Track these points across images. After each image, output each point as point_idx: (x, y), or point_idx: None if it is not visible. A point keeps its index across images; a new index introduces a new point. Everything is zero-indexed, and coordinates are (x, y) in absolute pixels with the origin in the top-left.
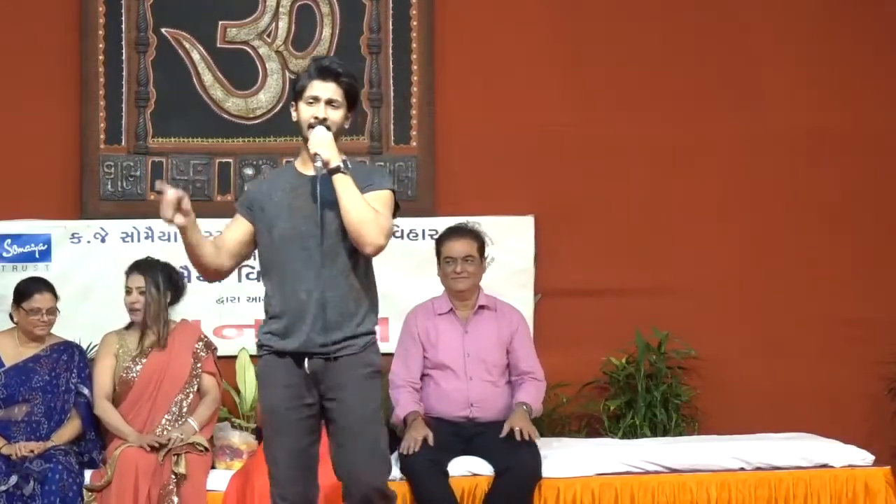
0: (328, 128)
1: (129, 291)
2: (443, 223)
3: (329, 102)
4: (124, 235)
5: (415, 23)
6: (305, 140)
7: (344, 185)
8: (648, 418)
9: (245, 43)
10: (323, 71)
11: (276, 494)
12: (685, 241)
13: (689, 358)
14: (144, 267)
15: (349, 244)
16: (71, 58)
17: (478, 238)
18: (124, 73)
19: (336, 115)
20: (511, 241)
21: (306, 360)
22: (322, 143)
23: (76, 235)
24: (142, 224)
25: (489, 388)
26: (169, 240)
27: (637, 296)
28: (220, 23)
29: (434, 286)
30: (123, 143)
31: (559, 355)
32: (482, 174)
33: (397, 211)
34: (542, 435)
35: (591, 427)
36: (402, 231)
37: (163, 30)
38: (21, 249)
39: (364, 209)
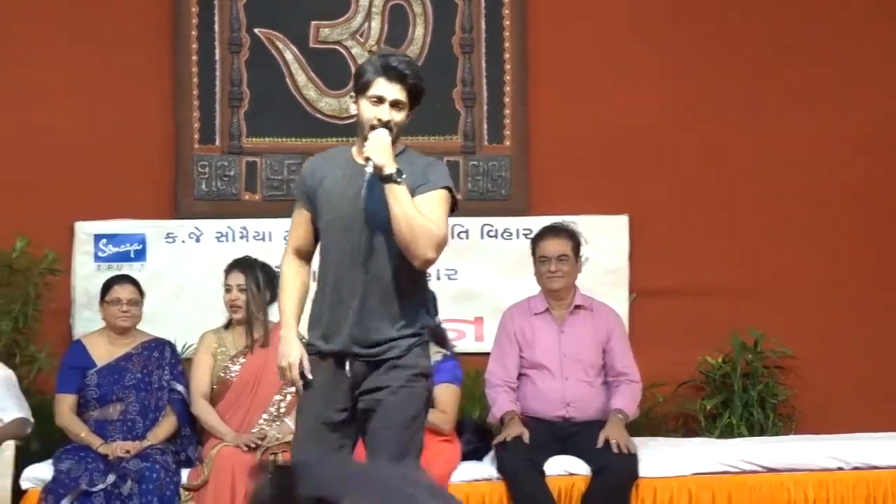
0: (391, 130)
1: (228, 289)
2: (536, 223)
3: (394, 104)
4: (219, 235)
5: (507, 22)
6: (364, 138)
7: (395, 196)
8: (745, 418)
9: (338, 43)
10: (389, 70)
11: None
12: (781, 240)
13: (786, 357)
14: (245, 265)
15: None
16: (164, 58)
17: (573, 237)
18: (218, 74)
19: (399, 117)
20: (605, 241)
21: (348, 362)
22: (378, 148)
23: (171, 235)
24: (236, 223)
25: (585, 388)
26: (264, 239)
27: (732, 295)
28: (313, 23)
29: (528, 286)
30: (217, 142)
31: (654, 355)
32: (576, 173)
33: (455, 209)
34: (638, 435)
35: (687, 426)
36: (497, 230)
37: (256, 30)
38: (116, 249)
39: (414, 222)
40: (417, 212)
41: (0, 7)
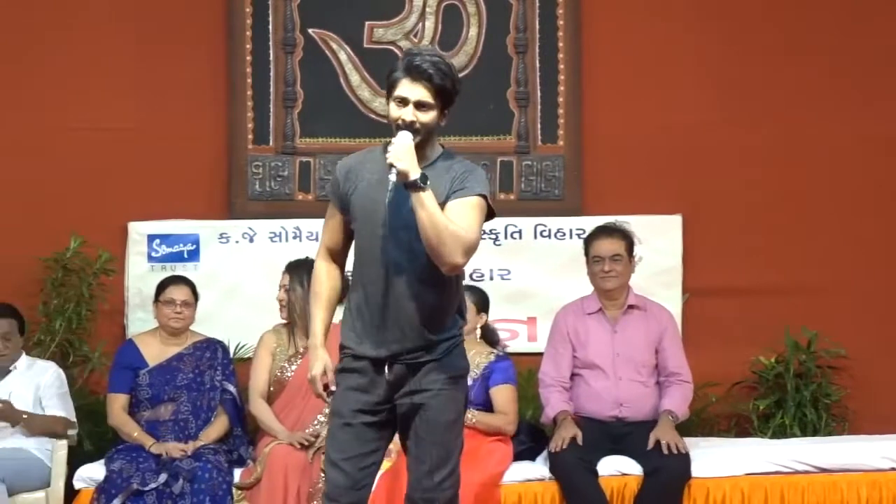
0: (417, 132)
1: (280, 288)
2: (590, 222)
3: (419, 105)
4: (272, 235)
5: (561, 22)
6: None
7: (420, 202)
8: (798, 418)
9: (391, 43)
10: (412, 70)
11: (328, 498)
12: (834, 239)
13: (839, 357)
14: (294, 266)
15: None
16: (218, 59)
17: (626, 237)
18: (272, 74)
19: (426, 118)
20: (658, 241)
21: (387, 366)
22: (400, 154)
23: (224, 235)
24: (290, 224)
25: (638, 388)
26: (317, 239)
27: (785, 295)
28: (367, 23)
29: (582, 286)
30: (271, 143)
31: (707, 355)
32: (629, 173)
33: (491, 217)
34: (690, 435)
35: (740, 427)
36: (550, 230)
37: (309, 30)
38: (170, 249)
39: (442, 227)
40: (444, 217)
41: (53, 11)
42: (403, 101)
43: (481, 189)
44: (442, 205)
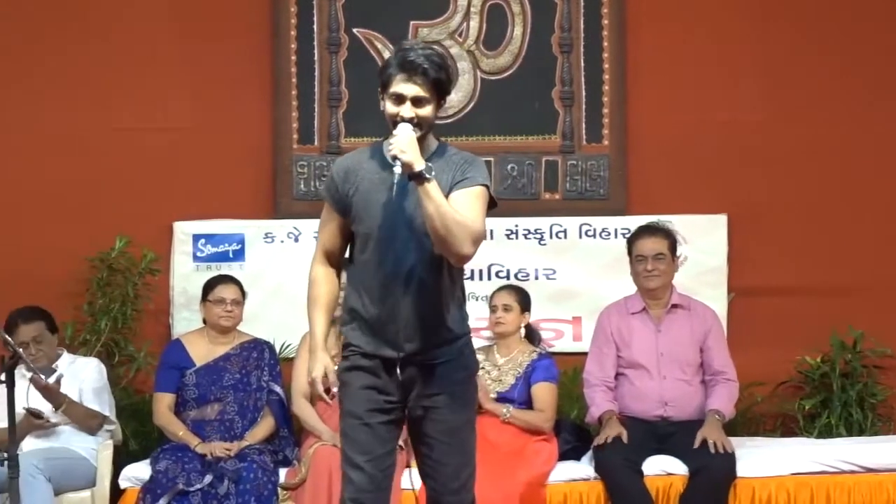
0: (418, 126)
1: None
2: (634, 222)
3: (415, 101)
4: (317, 235)
5: (606, 21)
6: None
7: (426, 194)
8: (844, 417)
9: (436, 42)
10: (406, 65)
11: (349, 499)
12: (881, 239)
13: (885, 357)
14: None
15: None
16: (263, 58)
17: (669, 236)
18: (316, 74)
19: (425, 112)
20: (703, 240)
21: (398, 366)
22: (403, 146)
23: (269, 235)
24: None
25: (683, 387)
26: None
27: (831, 294)
28: (412, 23)
29: (626, 285)
30: (316, 142)
31: (753, 354)
32: (674, 173)
33: (493, 207)
34: (736, 434)
35: (785, 426)
36: (595, 230)
37: (354, 30)
38: (215, 249)
39: (450, 218)
40: (451, 208)
41: (97, 11)
42: (400, 98)
43: (483, 179)
44: (445, 196)
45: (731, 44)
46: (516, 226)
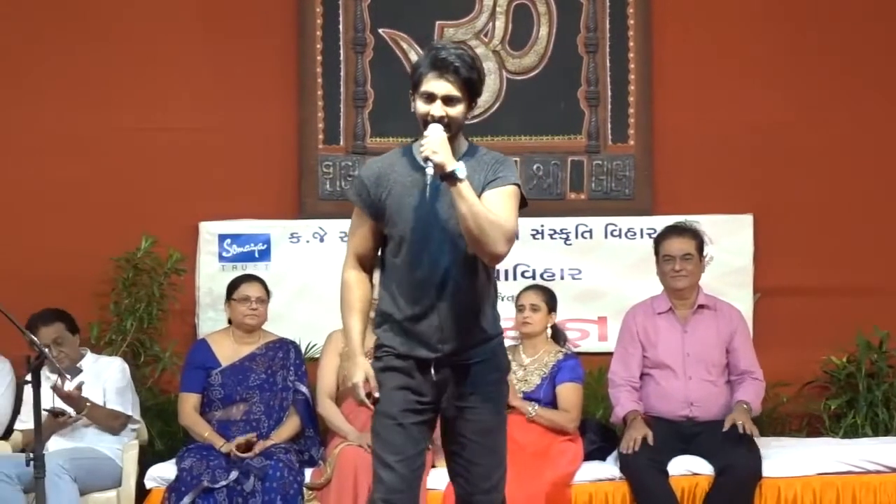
0: (448, 126)
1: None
2: (660, 222)
3: (446, 100)
4: (343, 235)
5: (632, 21)
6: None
7: (459, 194)
8: (870, 418)
9: (462, 43)
10: (438, 64)
11: (380, 499)
12: None
13: None
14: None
15: None
16: (289, 59)
17: (696, 236)
18: (342, 74)
19: (455, 112)
20: (729, 240)
21: (433, 367)
22: (435, 146)
23: (295, 235)
24: None
25: (709, 387)
26: None
27: (857, 294)
28: (437, 23)
29: (652, 285)
30: (342, 142)
31: (778, 354)
32: (700, 173)
33: (523, 206)
34: (762, 434)
35: (811, 426)
36: (620, 230)
37: (380, 30)
38: (241, 249)
39: (483, 217)
40: (484, 207)
41: (127, 9)
42: (431, 97)
43: (515, 178)
44: (478, 196)
45: (756, 43)
46: (542, 226)
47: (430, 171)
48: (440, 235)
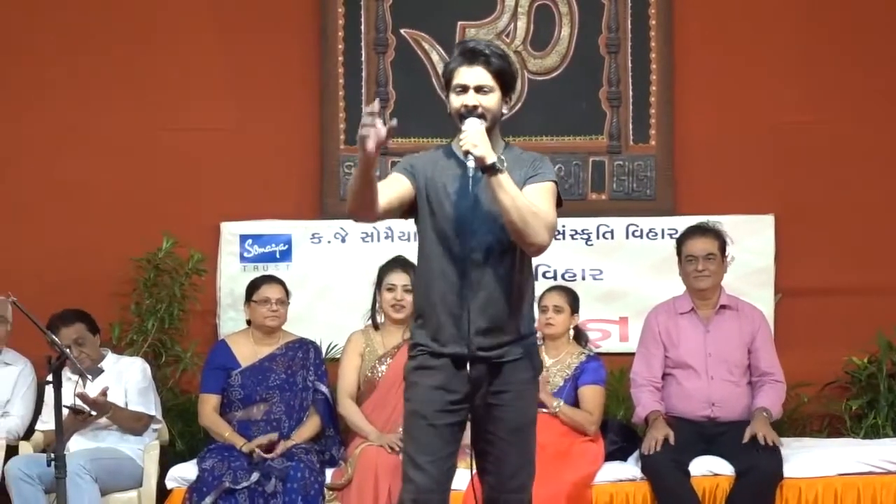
0: (483, 117)
1: (392, 289)
2: (682, 222)
3: (478, 89)
4: (364, 235)
5: (653, 22)
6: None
7: (500, 186)
8: (891, 418)
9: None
10: (468, 54)
11: (411, 500)
12: None
13: None
14: (408, 265)
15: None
16: (311, 59)
17: (719, 237)
18: (363, 74)
19: (489, 102)
20: (751, 241)
21: (468, 364)
22: (473, 139)
23: (316, 235)
24: (381, 224)
25: (730, 387)
26: (409, 239)
27: (878, 294)
28: (459, 23)
29: (673, 286)
30: None
31: (800, 355)
32: (721, 173)
33: (559, 206)
34: (783, 435)
35: (832, 427)
36: (642, 230)
37: (402, 30)
38: (262, 250)
39: (525, 208)
40: (526, 199)
41: (150, 11)
42: (464, 88)
43: (553, 176)
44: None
45: (778, 44)
46: (563, 226)
47: (471, 164)
48: (481, 231)
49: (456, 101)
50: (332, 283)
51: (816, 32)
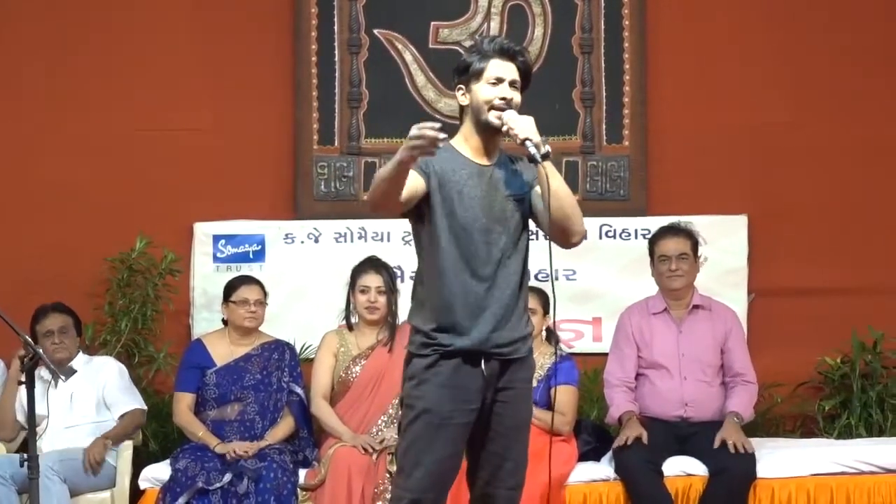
0: (515, 110)
1: (365, 290)
2: (655, 223)
3: (512, 83)
4: (337, 236)
5: (627, 22)
6: (481, 124)
7: (552, 172)
8: (864, 418)
9: (457, 43)
10: (504, 51)
11: (410, 499)
12: None
13: None
14: (379, 266)
15: (525, 240)
16: (284, 60)
17: (691, 237)
18: (337, 75)
19: (518, 98)
20: (724, 241)
21: (483, 360)
22: (527, 129)
23: (290, 236)
24: (355, 224)
25: (703, 388)
26: (382, 240)
27: (852, 295)
28: (432, 23)
29: (646, 286)
30: (336, 143)
31: (773, 355)
32: (694, 173)
33: None
34: (755, 435)
35: (805, 427)
36: (615, 231)
37: (375, 31)
38: (235, 250)
39: (571, 197)
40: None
41: (120, 12)
42: (499, 80)
43: None
44: (528, 192)
45: (752, 43)
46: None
47: (533, 150)
48: (496, 227)
49: (489, 91)
50: (306, 283)
51: (790, 32)
